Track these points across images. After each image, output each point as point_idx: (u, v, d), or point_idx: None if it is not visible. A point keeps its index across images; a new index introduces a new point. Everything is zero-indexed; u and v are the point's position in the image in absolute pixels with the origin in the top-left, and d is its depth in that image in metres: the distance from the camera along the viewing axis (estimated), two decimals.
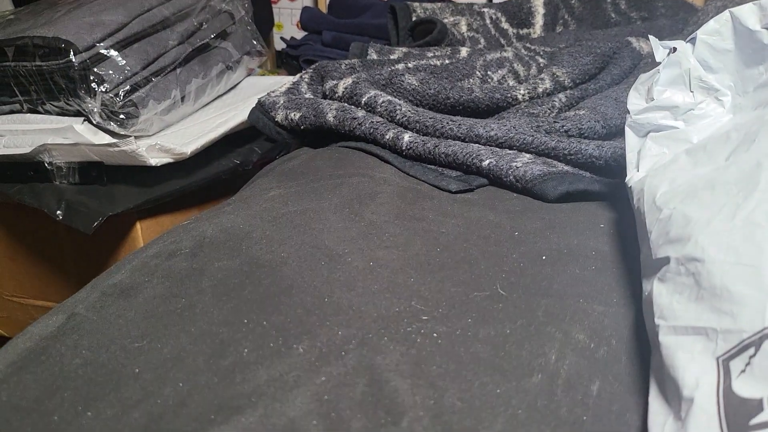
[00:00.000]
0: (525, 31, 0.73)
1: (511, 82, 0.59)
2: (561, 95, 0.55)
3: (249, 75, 0.79)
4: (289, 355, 0.26)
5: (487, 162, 0.43)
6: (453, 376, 0.26)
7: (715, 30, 0.34)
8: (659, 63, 0.35)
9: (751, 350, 0.19)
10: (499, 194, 0.42)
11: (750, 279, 0.21)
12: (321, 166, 0.46)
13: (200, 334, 0.27)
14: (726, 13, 0.33)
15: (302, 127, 0.52)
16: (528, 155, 0.44)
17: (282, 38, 0.99)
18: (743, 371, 0.19)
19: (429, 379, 0.25)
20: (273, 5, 1.08)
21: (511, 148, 0.45)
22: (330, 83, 0.54)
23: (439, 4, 0.75)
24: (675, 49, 0.35)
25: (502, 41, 0.72)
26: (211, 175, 0.66)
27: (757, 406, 0.18)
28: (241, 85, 0.78)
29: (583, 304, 0.30)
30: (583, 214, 0.39)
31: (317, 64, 0.59)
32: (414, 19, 0.71)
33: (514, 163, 0.42)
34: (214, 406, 0.23)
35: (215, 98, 0.74)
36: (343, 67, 0.57)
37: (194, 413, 0.23)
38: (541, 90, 0.54)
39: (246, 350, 0.26)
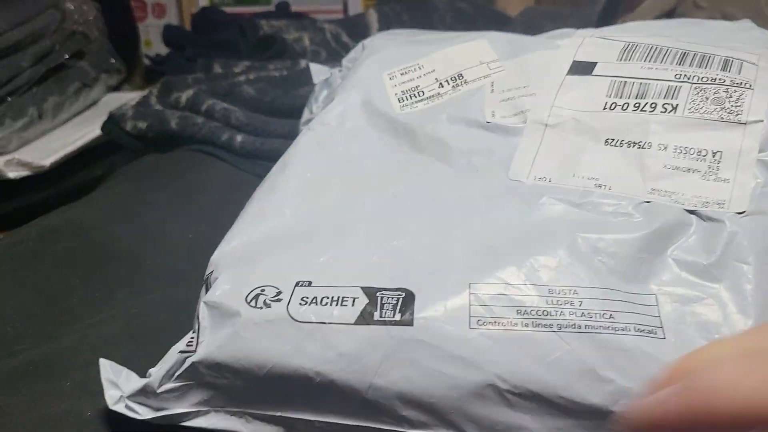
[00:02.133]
0: None
1: None
2: None
3: (110, 91, 0.86)
4: (111, 298, 0.35)
5: None
6: None
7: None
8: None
9: None
10: None
11: None
12: (163, 166, 0.55)
13: (38, 291, 0.35)
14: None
15: (150, 135, 0.61)
16: None
17: (146, 56, 1.05)
18: None
19: None
20: (139, 23, 1.13)
21: None
22: (175, 95, 0.63)
23: (284, 21, 0.85)
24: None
25: (343, 53, 0.83)
26: (74, 185, 0.72)
27: None
28: (102, 101, 0.85)
29: None
30: None
31: (164, 78, 0.68)
32: (260, 34, 0.81)
33: None
34: (44, 336, 0.32)
35: (75, 114, 0.81)
36: (189, 80, 0.67)
37: (26, 343, 0.32)
38: None
39: (76, 299, 0.35)
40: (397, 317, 0.25)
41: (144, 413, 0.26)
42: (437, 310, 0.25)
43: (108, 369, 0.27)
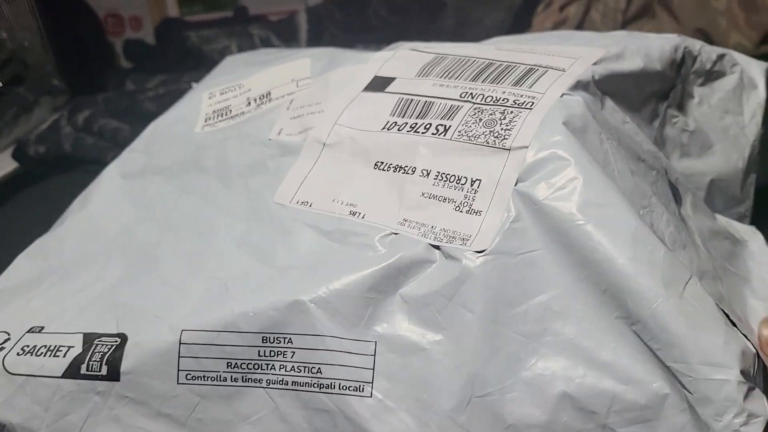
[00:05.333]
0: (293, 44, 0.83)
1: None
2: None
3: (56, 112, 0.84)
4: None
5: None
6: None
7: None
8: None
9: None
10: None
11: None
12: (49, 191, 0.55)
13: None
14: None
15: (49, 159, 0.60)
16: None
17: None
18: None
19: None
20: (118, 37, 1.10)
21: None
22: (75, 116, 0.62)
23: (215, 30, 0.83)
24: None
25: None
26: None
27: None
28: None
29: None
30: None
31: (75, 98, 0.67)
32: (188, 45, 0.79)
33: None
34: None
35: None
36: (98, 99, 0.66)
37: None
38: None
39: None
40: (104, 371, 0.24)
41: None
42: (146, 362, 0.24)
43: None
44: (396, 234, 0.26)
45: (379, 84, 0.31)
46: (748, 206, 0.36)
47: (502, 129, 0.26)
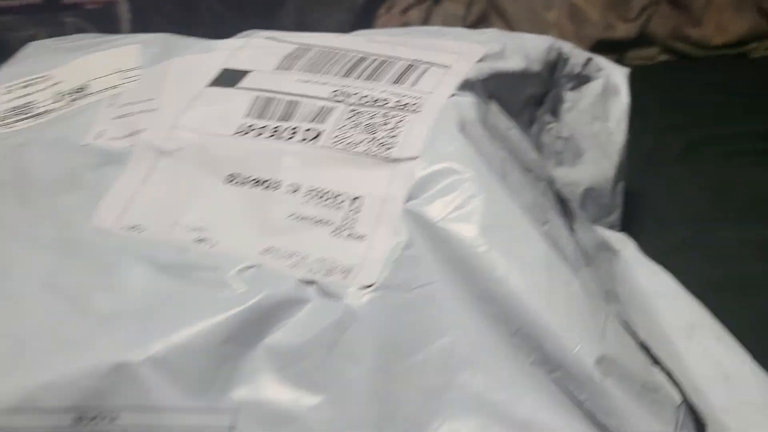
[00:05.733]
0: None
1: None
2: None
3: None
4: None
5: None
6: None
7: None
8: None
9: None
10: None
11: None
12: None
13: None
14: None
15: None
16: None
17: None
18: None
19: None
20: None
21: None
22: None
23: (20, 17, 0.73)
24: None
25: None
26: None
27: None
28: None
29: None
30: None
31: None
32: None
33: None
34: None
35: None
36: None
37: None
38: None
39: None
40: None
41: None
42: None
43: None
44: (257, 267, 0.21)
45: (229, 78, 0.27)
46: (617, 215, 0.35)
47: (384, 135, 0.23)
